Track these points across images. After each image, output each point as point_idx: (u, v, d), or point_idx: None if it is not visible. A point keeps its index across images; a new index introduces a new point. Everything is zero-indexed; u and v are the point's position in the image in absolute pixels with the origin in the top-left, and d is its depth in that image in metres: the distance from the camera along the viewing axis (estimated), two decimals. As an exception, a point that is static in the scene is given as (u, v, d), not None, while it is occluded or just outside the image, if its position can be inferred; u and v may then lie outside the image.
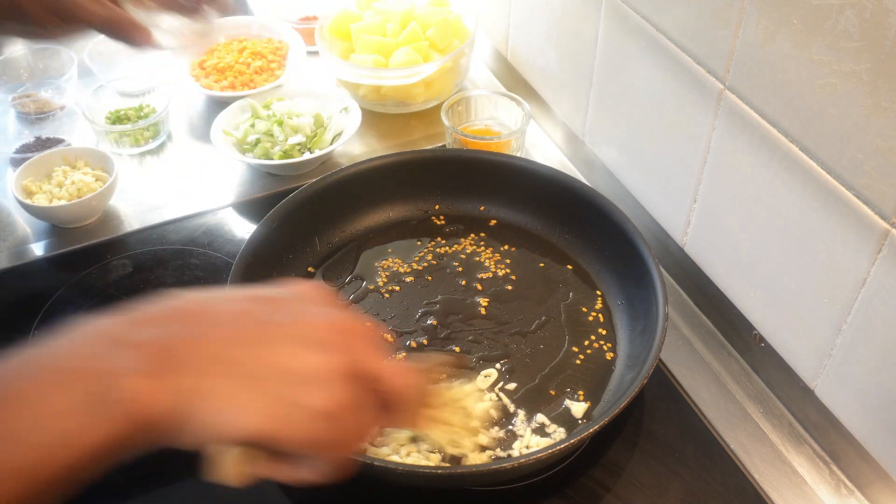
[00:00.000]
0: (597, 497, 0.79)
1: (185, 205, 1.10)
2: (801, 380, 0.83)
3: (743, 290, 0.89)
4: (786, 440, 0.85)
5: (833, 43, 0.67)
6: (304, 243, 0.98)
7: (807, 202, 0.75)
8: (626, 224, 0.92)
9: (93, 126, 1.15)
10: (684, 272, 0.98)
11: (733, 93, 0.81)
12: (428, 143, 1.20)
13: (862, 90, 0.66)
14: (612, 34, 0.98)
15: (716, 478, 0.81)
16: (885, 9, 0.61)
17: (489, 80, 1.33)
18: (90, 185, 1.06)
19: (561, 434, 0.82)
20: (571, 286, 0.96)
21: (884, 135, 0.65)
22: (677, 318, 0.97)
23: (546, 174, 1.01)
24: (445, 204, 1.06)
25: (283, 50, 1.31)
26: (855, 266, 0.72)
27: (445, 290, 0.96)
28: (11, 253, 1.04)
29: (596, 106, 1.07)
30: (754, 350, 0.89)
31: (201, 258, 1.03)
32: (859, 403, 0.77)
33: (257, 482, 0.53)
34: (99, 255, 1.03)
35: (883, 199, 0.67)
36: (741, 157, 0.82)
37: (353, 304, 0.94)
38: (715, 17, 0.80)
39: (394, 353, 0.89)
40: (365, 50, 1.20)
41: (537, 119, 1.23)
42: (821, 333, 0.79)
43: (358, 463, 0.73)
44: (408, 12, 1.23)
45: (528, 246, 1.01)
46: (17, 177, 1.05)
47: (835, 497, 0.81)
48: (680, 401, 0.88)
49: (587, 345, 0.90)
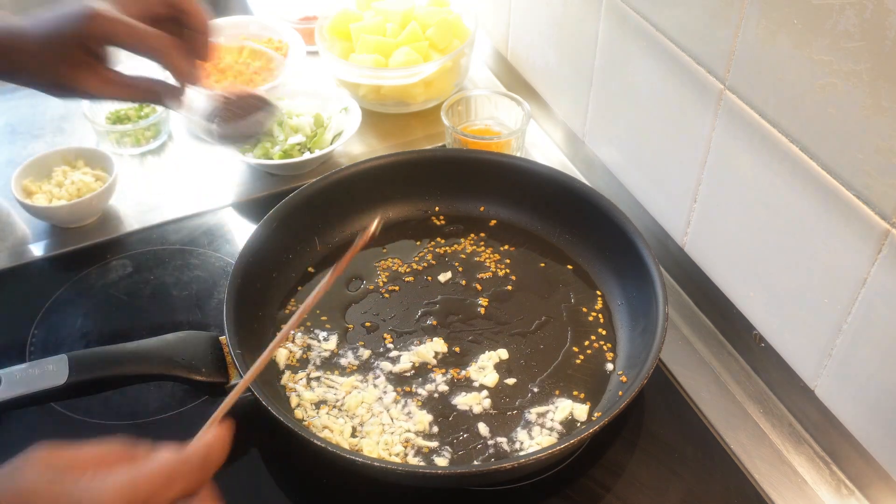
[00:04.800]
0: (597, 497, 0.79)
1: (185, 205, 1.10)
2: (801, 380, 0.83)
3: (743, 290, 0.89)
4: (786, 440, 0.85)
5: (833, 43, 0.67)
6: (304, 243, 0.98)
7: (807, 202, 0.75)
8: (626, 224, 0.92)
9: (93, 126, 1.15)
10: (684, 272, 0.98)
11: (733, 93, 0.81)
12: (428, 143, 1.20)
13: (862, 90, 0.66)
14: (612, 34, 0.98)
15: (716, 478, 0.81)
16: (885, 9, 0.61)
17: (489, 80, 1.33)
18: (90, 185, 1.06)
19: (561, 434, 0.82)
20: (571, 286, 0.96)
21: (884, 135, 0.65)
22: (677, 318, 0.97)
23: (546, 174, 1.01)
24: (445, 204, 1.06)
25: (283, 50, 1.31)
26: (855, 266, 0.72)
27: (445, 290, 0.96)
28: (11, 253, 1.04)
29: (596, 106, 1.07)
30: (754, 350, 0.89)
31: (201, 258, 1.03)
32: (859, 403, 0.77)
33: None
34: (99, 255, 1.03)
35: (883, 199, 0.67)
36: (741, 157, 0.82)
37: (354, 303, 0.94)
38: (715, 17, 0.80)
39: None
40: (365, 50, 1.20)
41: (537, 119, 1.23)
42: (821, 333, 0.79)
43: (357, 464, 0.73)
44: (408, 12, 1.23)
45: (528, 246, 1.01)
46: (16, 177, 1.05)
47: (835, 497, 0.80)
48: (680, 401, 0.88)
49: (587, 345, 0.90)
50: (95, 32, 0.75)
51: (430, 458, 0.79)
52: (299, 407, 0.83)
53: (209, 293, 0.99)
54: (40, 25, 0.77)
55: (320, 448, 0.73)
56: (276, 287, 0.94)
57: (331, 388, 0.85)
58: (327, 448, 0.73)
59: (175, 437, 0.86)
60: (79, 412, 0.85)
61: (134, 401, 0.86)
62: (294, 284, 0.96)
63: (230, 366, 0.82)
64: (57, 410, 0.85)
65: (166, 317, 0.96)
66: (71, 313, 0.96)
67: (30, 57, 0.77)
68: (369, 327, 0.92)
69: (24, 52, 0.77)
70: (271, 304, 0.93)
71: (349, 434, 0.81)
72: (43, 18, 0.77)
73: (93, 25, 0.75)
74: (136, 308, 0.97)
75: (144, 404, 0.86)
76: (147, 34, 0.76)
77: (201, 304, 0.97)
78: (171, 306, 0.97)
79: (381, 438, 0.80)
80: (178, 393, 0.87)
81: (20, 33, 0.77)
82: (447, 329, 0.92)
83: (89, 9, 0.75)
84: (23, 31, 0.77)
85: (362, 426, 0.82)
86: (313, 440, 0.73)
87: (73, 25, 0.75)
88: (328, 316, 0.93)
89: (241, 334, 0.82)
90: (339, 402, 0.84)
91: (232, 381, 0.82)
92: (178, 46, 0.79)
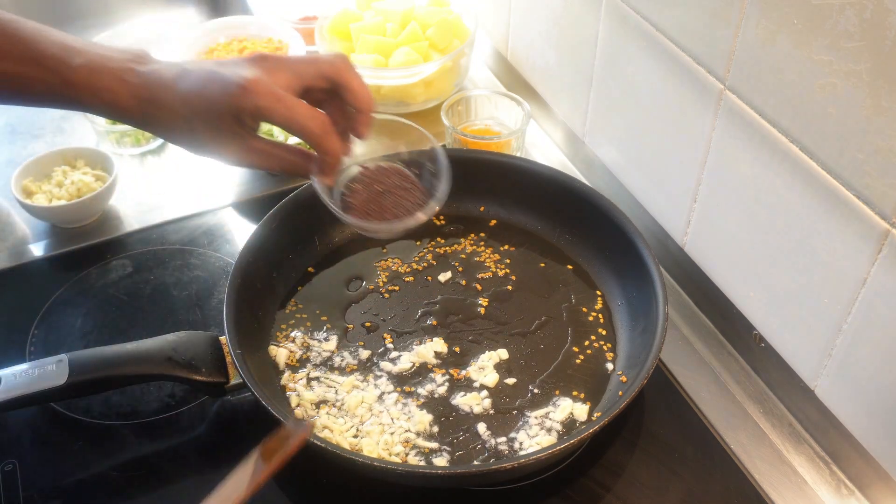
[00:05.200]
0: (597, 497, 0.79)
1: (185, 205, 1.10)
2: (801, 380, 0.83)
3: (743, 290, 0.89)
4: (786, 440, 0.85)
5: (833, 43, 0.67)
6: (304, 243, 0.98)
7: (807, 202, 0.75)
8: (626, 224, 0.92)
9: (93, 126, 1.15)
10: (684, 272, 0.98)
11: (733, 93, 0.81)
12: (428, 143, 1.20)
13: (862, 90, 0.66)
14: (612, 34, 0.98)
15: (716, 478, 0.81)
16: (885, 9, 0.61)
17: (489, 80, 1.33)
18: (90, 185, 1.06)
19: (561, 434, 0.82)
20: (571, 286, 0.96)
21: (884, 135, 0.65)
22: (677, 318, 0.97)
23: (546, 174, 1.01)
24: (445, 204, 1.05)
25: (283, 50, 1.31)
26: (855, 266, 0.72)
27: (445, 290, 0.96)
28: (11, 253, 1.04)
29: (596, 106, 1.07)
30: (754, 350, 0.89)
31: (201, 258, 1.03)
32: (859, 403, 0.77)
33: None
34: (99, 255, 1.03)
35: (883, 199, 0.67)
36: (741, 157, 0.82)
37: (354, 303, 0.94)
38: (715, 17, 0.80)
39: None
40: (365, 50, 1.20)
41: (537, 119, 1.23)
42: (821, 333, 0.79)
43: (358, 464, 0.73)
44: (408, 12, 1.23)
45: (528, 246, 1.01)
46: (16, 177, 1.05)
47: (835, 497, 0.80)
48: (680, 401, 0.88)
49: (587, 345, 0.90)
50: (247, 107, 0.70)
51: (430, 458, 0.79)
52: (299, 407, 0.83)
53: (209, 293, 0.99)
54: (191, 88, 0.72)
55: (320, 448, 0.73)
56: (276, 287, 0.94)
57: (331, 388, 0.85)
58: (327, 448, 0.73)
59: (175, 437, 0.86)
60: (79, 412, 0.85)
61: (134, 401, 0.86)
62: (294, 284, 0.96)
63: (230, 366, 0.82)
64: (57, 410, 0.85)
65: (166, 317, 0.96)
66: (71, 313, 0.96)
67: (174, 116, 0.73)
68: (369, 327, 0.92)
69: (170, 111, 0.73)
70: (271, 304, 0.93)
71: (349, 434, 0.81)
72: (194, 79, 0.72)
73: (245, 99, 0.70)
74: (136, 308, 0.97)
75: (144, 404, 0.86)
76: (303, 114, 0.72)
77: (201, 304, 0.97)
78: (171, 306, 0.97)
79: (381, 438, 0.80)
80: (178, 393, 0.87)
81: (168, 89, 0.73)
82: (447, 329, 0.92)
83: (243, 80, 0.70)
84: (172, 89, 0.73)
85: (362, 426, 0.82)
86: (313, 440, 0.73)
87: (226, 97, 0.70)
88: (328, 316, 0.93)
89: (241, 334, 0.82)
90: (339, 401, 0.84)
91: (231, 382, 0.82)
92: (333, 129, 0.74)
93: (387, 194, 0.82)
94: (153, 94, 0.73)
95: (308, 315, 0.93)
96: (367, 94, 0.76)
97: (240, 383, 0.81)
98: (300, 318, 0.92)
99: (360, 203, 0.81)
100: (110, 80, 0.72)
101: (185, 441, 0.84)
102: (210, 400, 0.86)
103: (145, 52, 0.75)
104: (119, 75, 0.72)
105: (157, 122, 0.74)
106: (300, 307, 0.94)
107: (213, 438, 0.84)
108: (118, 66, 0.73)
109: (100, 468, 0.81)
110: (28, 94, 0.74)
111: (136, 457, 0.82)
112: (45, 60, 0.72)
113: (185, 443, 0.84)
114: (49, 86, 0.72)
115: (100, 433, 0.84)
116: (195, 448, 0.83)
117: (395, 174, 0.84)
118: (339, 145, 0.75)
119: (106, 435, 0.84)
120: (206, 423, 0.85)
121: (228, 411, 0.86)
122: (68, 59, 0.72)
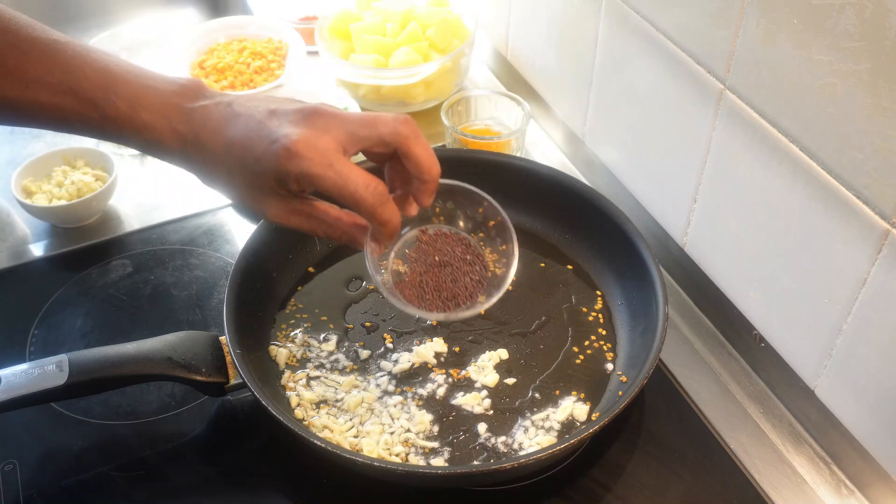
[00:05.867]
0: (597, 497, 0.79)
1: (185, 205, 1.10)
2: (802, 380, 0.83)
3: (743, 290, 0.89)
4: (786, 440, 0.85)
5: (833, 43, 0.67)
6: (304, 243, 0.98)
7: (807, 202, 0.75)
8: (626, 224, 0.92)
9: (93, 126, 1.15)
10: (684, 272, 0.98)
11: (733, 93, 0.81)
12: (428, 142, 1.20)
13: (862, 90, 0.66)
14: (612, 34, 0.98)
15: (716, 478, 0.81)
16: (886, 9, 0.61)
17: (489, 80, 1.33)
18: (90, 185, 1.06)
19: (561, 434, 0.82)
20: (571, 286, 0.96)
21: (884, 135, 0.65)
22: (677, 318, 0.97)
23: (546, 174, 1.01)
24: (445, 204, 1.05)
25: (283, 50, 1.31)
26: (855, 266, 0.72)
27: (445, 290, 0.96)
28: (11, 253, 1.04)
29: (596, 106, 1.07)
30: (754, 350, 0.89)
31: (201, 258, 1.03)
32: (859, 403, 0.77)
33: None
34: (99, 255, 1.03)
35: (883, 199, 0.67)
36: (741, 157, 0.82)
37: (354, 303, 0.94)
38: (715, 17, 0.80)
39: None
40: (365, 50, 1.20)
41: (537, 119, 1.23)
42: (821, 333, 0.79)
43: None
44: (408, 12, 1.23)
45: (528, 246, 1.01)
46: (16, 177, 1.05)
47: (835, 497, 0.80)
48: (680, 401, 0.88)
49: (587, 345, 0.90)
50: (293, 171, 0.64)
51: (430, 458, 0.79)
52: (299, 407, 0.83)
53: (209, 293, 0.99)
54: (236, 137, 0.67)
55: (320, 448, 0.73)
56: (276, 287, 0.94)
57: (331, 388, 0.85)
58: (327, 448, 0.73)
59: (175, 437, 0.86)
60: (79, 412, 0.85)
61: (134, 401, 0.86)
62: (294, 284, 0.96)
63: (230, 366, 0.82)
64: (57, 410, 0.85)
65: (166, 317, 0.96)
66: (71, 313, 0.96)
67: (217, 164, 0.68)
68: (369, 327, 0.92)
69: (212, 157, 0.68)
70: (271, 304, 0.93)
71: (349, 434, 0.81)
72: (241, 127, 0.67)
73: (291, 163, 0.64)
74: (136, 308, 0.97)
75: (144, 404, 0.86)
76: (356, 183, 0.65)
77: (201, 304, 0.97)
78: (171, 306, 0.97)
79: (382, 438, 0.80)
80: (178, 393, 0.87)
81: (214, 133, 0.67)
82: (447, 329, 0.92)
83: (290, 142, 0.64)
84: (218, 134, 0.67)
85: (362, 426, 0.82)
86: (313, 440, 0.73)
87: (269, 157, 0.65)
88: (328, 316, 0.93)
89: (241, 334, 0.82)
90: (339, 401, 0.84)
91: (231, 382, 0.82)
92: (390, 198, 0.67)
93: (445, 267, 0.74)
94: (198, 137, 0.68)
95: (308, 315, 0.93)
96: (432, 164, 0.70)
97: (240, 383, 0.81)
98: (300, 318, 0.92)
99: (413, 277, 0.73)
100: (152, 117, 0.67)
101: (185, 441, 0.84)
102: (210, 400, 0.86)
103: (197, 85, 0.70)
104: (163, 112, 0.67)
105: (199, 167, 0.70)
106: (300, 307, 0.94)
107: (213, 438, 0.84)
108: (163, 100, 0.68)
109: (100, 468, 0.81)
110: (64, 125, 0.69)
111: (136, 457, 0.82)
112: (84, 92, 0.66)
113: (185, 443, 0.84)
114: (87, 119, 0.67)
115: (100, 433, 0.84)
116: (195, 448, 0.83)
117: (457, 243, 0.76)
118: (396, 216, 0.68)
119: (106, 435, 0.84)
120: (206, 423, 0.85)
121: (228, 411, 0.86)
122: (109, 91, 0.66)
